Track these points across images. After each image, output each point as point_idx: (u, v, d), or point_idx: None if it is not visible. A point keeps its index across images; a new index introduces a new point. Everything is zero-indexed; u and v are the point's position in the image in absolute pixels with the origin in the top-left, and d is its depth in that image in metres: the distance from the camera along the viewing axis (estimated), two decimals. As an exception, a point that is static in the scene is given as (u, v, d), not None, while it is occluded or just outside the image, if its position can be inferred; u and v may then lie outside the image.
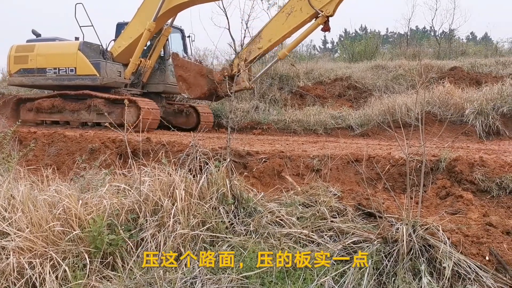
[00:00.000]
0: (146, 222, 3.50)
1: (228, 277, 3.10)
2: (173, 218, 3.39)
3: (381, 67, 16.55)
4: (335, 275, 3.20)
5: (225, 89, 9.55)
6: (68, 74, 11.21)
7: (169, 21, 11.71)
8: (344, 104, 13.80)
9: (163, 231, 3.38)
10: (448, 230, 3.55)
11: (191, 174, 3.82)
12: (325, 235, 3.49)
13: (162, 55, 12.31)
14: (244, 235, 3.49)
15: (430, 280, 3.18)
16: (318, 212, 3.59)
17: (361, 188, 5.33)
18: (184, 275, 3.09)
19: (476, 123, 9.90)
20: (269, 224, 3.52)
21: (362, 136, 10.71)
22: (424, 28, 34.62)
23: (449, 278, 3.17)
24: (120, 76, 11.41)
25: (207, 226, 3.46)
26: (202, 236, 3.38)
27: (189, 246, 3.30)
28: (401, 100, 11.24)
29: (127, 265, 3.27)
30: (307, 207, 3.77)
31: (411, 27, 30.65)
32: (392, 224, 3.57)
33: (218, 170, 3.74)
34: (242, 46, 9.62)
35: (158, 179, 3.66)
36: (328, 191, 4.12)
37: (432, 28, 27.42)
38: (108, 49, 11.55)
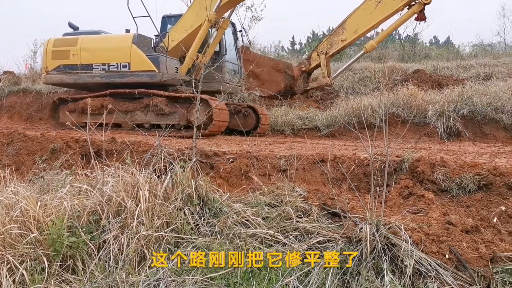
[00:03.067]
0: (109, 223, 3.42)
1: (193, 278, 3.06)
2: (137, 219, 3.32)
3: (347, 69, 16.79)
4: (300, 275, 3.21)
5: (301, 85, 8.91)
6: (120, 70, 9.99)
7: (227, 13, 10.67)
8: (311, 105, 13.91)
9: (127, 232, 3.31)
10: (410, 229, 3.61)
11: (155, 174, 3.76)
12: (291, 235, 3.49)
13: (217, 50, 11.17)
14: (209, 236, 3.46)
15: (392, 279, 3.23)
16: (283, 212, 3.59)
17: (326, 188, 5.38)
18: (148, 277, 3.03)
19: (438, 125, 10.16)
20: (235, 224, 3.51)
21: (328, 137, 10.81)
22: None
23: (410, 276, 3.23)
24: (177, 72, 10.24)
25: (171, 227, 3.41)
26: (166, 237, 3.33)
27: (153, 247, 3.24)
28: (367, 102, 11.41)
29: (88, 268, 3.18)
30: (273, 208, 3.77)
31: (377, 30, 31.19)
32: (356, 224, 3.61)
33: (184, 170, 3.69)
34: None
35: (121, 179, 3.59)
36: (294, 191, 4.13)
37: (397, 31, 28.00)
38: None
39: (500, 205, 4.47)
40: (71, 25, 11.50)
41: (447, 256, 3.44)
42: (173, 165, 3.78)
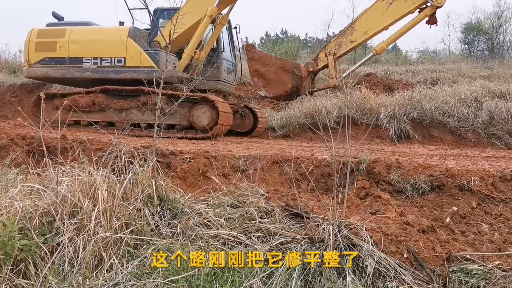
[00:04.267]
0: (64, 225, 3.25)
1: (154, 281, 2.96)
2: (94, 220, 3.18)
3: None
4: (263, 277, 3.18)
5: (308, 87, 8.49)
6: (115, 65, 9.28)
7: (226, 9, 10.20)
8: (266, 106, 13.97)
9: (83, 234, 3.16)
10: (369, 230, 3.67)
11: (114, 174, 3.62)
12: (253, 236, 3.46)
13: (214, 47, 10.71)
14: (170, 238, 3.37)
15: (353, 279, 3.26)
16: (246, 213, 3.56)
17: (285, 189, 5.39)
18: (106, 281, 2.91)
19: (389, 127, 10.47)
20: (197, 225, 3.43)
21: (283, 138, 10.89)
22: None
23: (371, 276, 3.28)
24: (175, 69, 9.57)
25: (131, 228, 3.29)
26: (125, 239, 3.21)
27: (112, 250, 3.11)
28: (321, 103, 11.59)
29: (41, 273, 3.01)
30: (235, 208, 3.73)
31: (329, 33, 31.80)
32: (318, 224, 3.62)
33: (143, 169, 3.58)
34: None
35: (77, 179, 3.42)
36: (256, 191, 4.10)
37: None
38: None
39: (452, 205, 4.64)
40: (55, 15, 10.73)
41: (405, 256, 3.52)
42: (133, 165, 3.65)
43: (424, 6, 7.75)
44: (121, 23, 10.06)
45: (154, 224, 3.41)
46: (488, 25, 34.44)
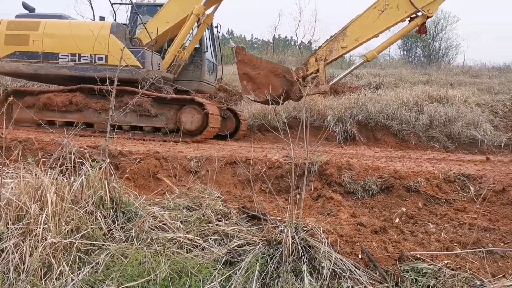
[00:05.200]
0: (8, 230, 3.04)
1: (107, 289, 2.84)
2: (42, 225, 3.00)
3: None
4: (221, 280, 3.13)
5: (297, 92, 8.23)
6: (95, 63, 8.65)
7: (211, 8, 9.84)
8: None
9: (29, 240, 2.97)
10: (325, 231, 3.71)
11: (63, 175, 3.43)
12: (210, 239, 3.40)
13: (197, 47, 10.30)
14: (124, 242, 3.24)
15: (311, 280, 3.29)
16: (203, 216, 3.49)
17: (238, 190, 5.36)
18: (56, 289, 2.75)
19: (336, 129, 10.70)
20: (152, 229, 3.32)
21: (233, 139, 10.85)
22: (286, 37, 36.66)
23: (327, 277, 3.31)
24: (159, 69, 9.14)
25: (82, 233, 3.13)
26: (76, 244, 3.05)
27: (62, 256, 2.94)
28: (271, 105, 11.65)
29: (-17, 281, 2.80)
30: (191, 211, 3.65)
31: (276, 36, 32.21)
32: (275, 227, 3.62)
33: (95, 171, 3.42)
34: None
35: (23, 181, 3.21)
36: (211, 193, 4.04)
37: (296, 37, 29.15)
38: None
39: (400, 206, 4.80)
40: (26, 6, 9.92)
41: (359, 256, 3.59)
42: (84, 166, 3.48)
43: (414, 15, 7.91)
44: (102, 18, 9.57)
45: (107, 228, 3.27)
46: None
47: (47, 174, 3.34)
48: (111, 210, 3.36)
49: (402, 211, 4.57)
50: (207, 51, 10.52)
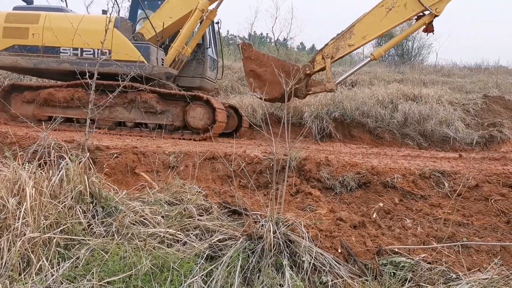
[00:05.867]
0: (-16, 225, 2.98)
1: (88, 283, 2.81)
2: (19, 219, 2.94)
3: (226, 67, 16.98)
4: (203, 275, 3.13)
5: (304, 89, 8.18)
6: (98, 57, 7.69)
7: (214, 3, 9.57)
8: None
9: (7, 235, 2.91)
10: (305, 226, 3.75)
11: (41, 169, 3.36)
12: (192, 234, 3.40)
13: (200, 43, 10.08)
14: (104, 237, 3.20)
15: (291, 274, 3.32)
16: (184, 211, 3.48)
17: (217, 185, 5.36)
18: (36, 284, 2.70)
19: (313, 126, 10.78)
20: (133, 224, 3.30)
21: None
22: (262, 34, 36.69)
23: (307, 271, 3.35)
24: (163, 64, 8.89)
25: (61, 227, 3.08)
26: (55, 239, 3.00)
27: (41, 251, 2.89)
28: (247, 101, 11.67)
29: (-41, 277, 2.73)
30: (172, 206, 3.63)
31: (251, 33, 32.17)
32: (256, 221, 3.63)
33: (75, 165, 3.36)
34: None
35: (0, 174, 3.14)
36: (192, 188, 4.03)
37: (273, 34, 29.23)
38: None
39: (377, 201, 4.89)
40: None
41: (339, 251, 3.65)
42: (63, 160, 3.42)
43: (422, 14, 7.90)
44: (104, 12, 9.25)
45: (87, 223, 3.22)
46: (399, 32, 36.69)
47: (24, 168, 3.27)
48: (91, 204, 3.32)
49: (380, 207, 4.65)
50: (209, 47, 10.36)
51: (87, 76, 3.60)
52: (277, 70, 7.75)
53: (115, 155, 5.69)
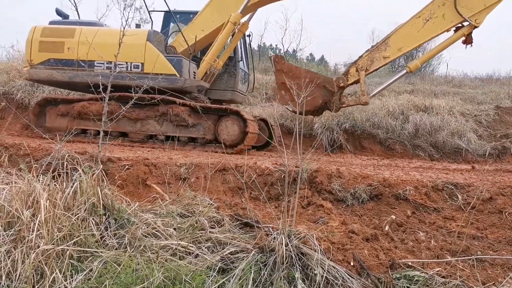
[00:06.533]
0: (-1, 236, 3.00)
1: (101, 296, 2.81)
2: (34, 231, 2.96)
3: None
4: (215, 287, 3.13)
5: (337, 102, 8.06)
6: (131, 71, 8.38)
7: (247, 16, 9.52)
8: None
9: (21, 246, 2.93)
10: (317, 238, 3.73)
11: (55, 181, 3.39)
12: (203, 246, 3.40)
13: (231, 55, 10.05)
14: (117, 249, 3.21)
15: (304, 287, 3.30)
16: (196, 223, 3.48)
17: (228, 197, 5.36)
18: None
19: (323, 137, 10.77)
20: (145, 236, 3.30)
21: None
22: (271, 45, 36.80)
23: (320, 284, 3.33)
24: (194, 78, 8.82)
25: (74, 239, 3.09)
26: (69, 251, 3.01)
27: (54, 263, 2.90)
28: (257, 112, 11.69)
29: (-27, 289, 2.75)
30: (184, 218, 3.63)
31: (261, 44, 32.33)
32: (267, 234, 3.63)
33: (88, 177, 3.39)
34: None
35: (15, 186, 3.17)
36: (203, 200, 4.03)
37: (282, 45, 29.34)
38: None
39: (390, 214, 4.85)
40: (59, 12, 9.66)
41: (352, 264, 3.62)
42: (76, 172, 3.45)
43: (460, 25, 7.73)
44: (138, 26, 9.36)
45: (99, 235, 3.24)
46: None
47: (39, 180, 3.30)
48: (104, 216, 3.33)
49: (392, 219, 4.62)
50: (241, 60, 10.34)
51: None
52: (309, 82, 7.65)
53: (127, 166, 5.72)
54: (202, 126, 8.45)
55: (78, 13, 9.02)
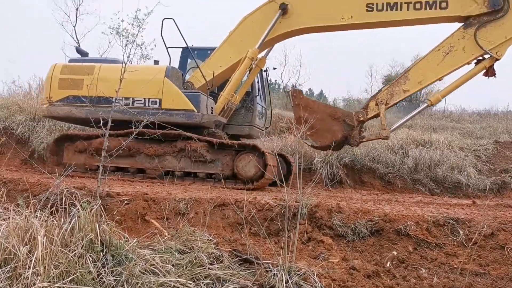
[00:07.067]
0: (-6, 274, 2.95)
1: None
2: (30, 268, 2.91)
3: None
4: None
5: (357, 137, 7.99)
6: (149, 106, 8.44)
7: (264, 51, 9.68)
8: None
9: (17, 284, 2.88)
10: (317, 275, 3.67)
11: (53, 217, 3.37)
12: (202, 283, 3.33)
13: (248, 91, 10.11)
14: (113, 287, 3.15)
15: (304, 326, 3.23)
16: (195, 259, 3.43)
17: (227, 233, 5.31)
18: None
19: (323, 172, 10.75)
20: (143, 273, 3.25)
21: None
22: (270, 80, 37.29)
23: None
24: (212, 113, 8.83)
25: (71, 277, 3.04)
26: (65, 289, 2.95)
27: (50, 301, 2.84)
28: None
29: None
30: (183, 254, 3.58)
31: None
32: (267, 270, 3.57)
33: (86, 213, 3.36)
34: None
35: (11, 222, 3.14)
36: (202, 236, 3.99)
37: (282, 80, 29.71)
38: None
39: (391, 250, 4.79)
40: (79, 50, 9.84)
41: (353, 301, 3.56)
42: (74, 207, 3.42)
43: (481, 58, 7.66)
44: (156, 62, 9.44)
45: (96, 272, 3.18)
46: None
47: (36, 216, 3.28)
48: (101, 253, 3.28)
49: (393, 255, 4.56)
50: (258, 95, 10.38)
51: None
52: (327, 117, 7.80)
53: (126, 201, 5.70)
54: (220, 162, 8.35)
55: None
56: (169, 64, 9.08)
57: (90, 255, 3.24)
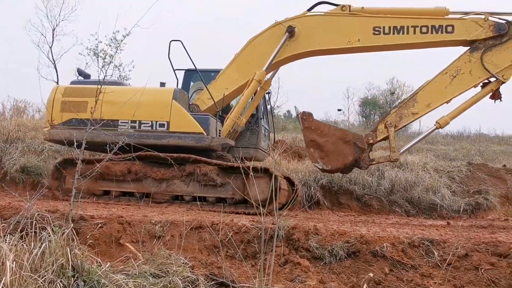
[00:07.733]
0: (-41, 301, 2.84)
1: None
2: (-3, 296, 2.81)
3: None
4: None
5: (367, 160, 7.97)
6: (156, 129, 8.22)
7: (269, 74, 9.56)
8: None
9: (-18, 313, 2.77)
10: (294, 298, 3.65)
11: (23, 241, 3.27)
12: (177, 308, 3.27)
13: (254, 113, 9.94)
14: (85, 313, 3.06)
15: None
16: (170, 284, 3.37)
17: (204, 256, 5.24)
18: None
19: (301, 193, 10.74)
20: (115, 299, 3.17)
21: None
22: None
23: None
24: (219, 135, 8.63)
25: (40, 304, 2.95)
26: (33, 317, 2.86)
27: (17, 330, 2.74)
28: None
29: None
30: (157, 278, 3.52)
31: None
32: (243, 294, 3.53)
33: (57, 237, 3.28)
34: None
35: (-21, 247, 3.04)
36: (178, 259, 3.93)
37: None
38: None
39: (367, 271, 4.80)
40: (80, 72, 9.57)
41: (330, 325, 3.53)
42: (45, 231, 3.34)
43: (488, 81, 7.79)
44: (162, 84, 9.30)
45: (67, 298, 3.09)
46: (383, 101, 38.01)
47: (5, 240, 3.18)
48: (72, 278, 3.20)
49: (370, 277, 4.57)
50: (263, 118, 10.33)
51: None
52: (338, 140, 7.79)
53: (100, 225, 5.59)
54: (231, 186, 8.06)
55: (56, 71, 8.97)
56: (177, 86, 9.03)
57: (61, 281, 3.15)
